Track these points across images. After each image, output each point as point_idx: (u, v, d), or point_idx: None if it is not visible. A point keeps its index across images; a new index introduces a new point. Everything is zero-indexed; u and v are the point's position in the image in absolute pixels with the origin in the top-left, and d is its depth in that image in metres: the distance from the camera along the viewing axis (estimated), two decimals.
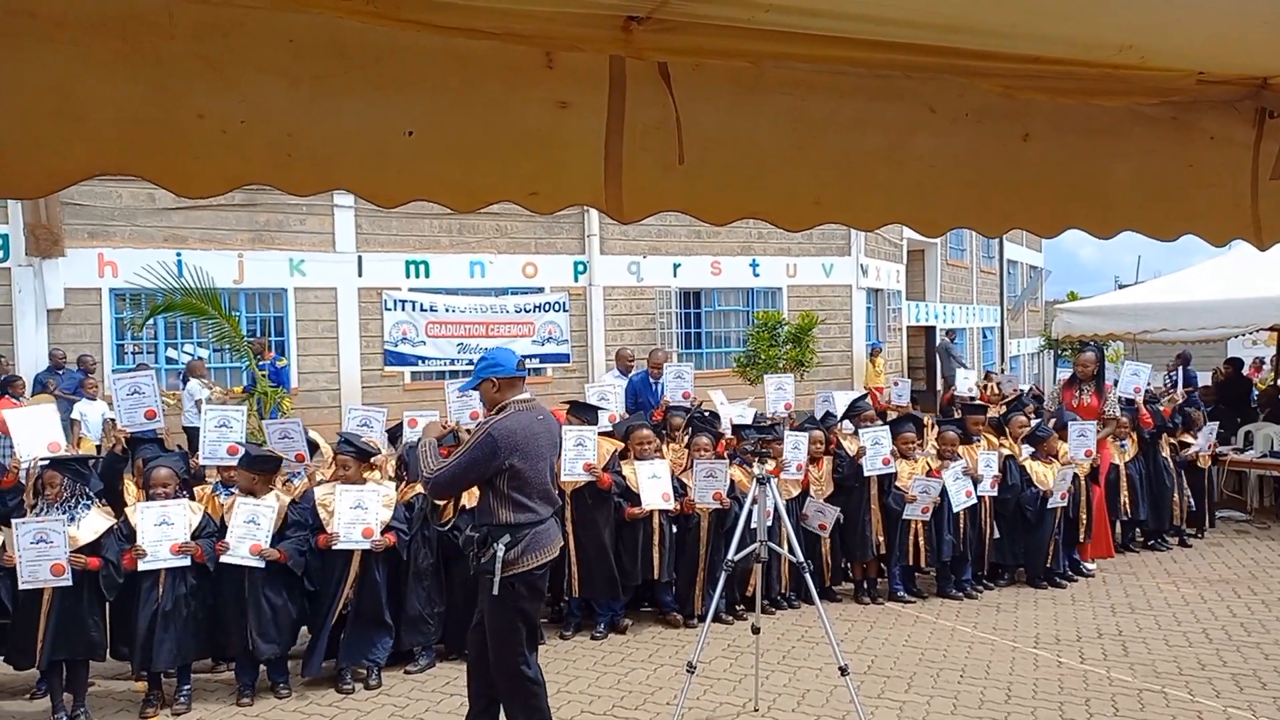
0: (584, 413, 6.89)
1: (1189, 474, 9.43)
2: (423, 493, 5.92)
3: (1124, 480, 8.69)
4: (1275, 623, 6.63)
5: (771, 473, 5.51)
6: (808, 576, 5.02)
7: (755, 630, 5.29)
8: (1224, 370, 13.83)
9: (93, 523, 5.25)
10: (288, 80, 1.86)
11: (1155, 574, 8.08)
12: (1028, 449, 7.92)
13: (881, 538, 7.35)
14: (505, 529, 4.12)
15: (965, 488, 7.42)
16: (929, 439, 8.05)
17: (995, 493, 7.62)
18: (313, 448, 6.47)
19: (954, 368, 18.34)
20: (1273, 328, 12.83)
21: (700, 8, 1.83)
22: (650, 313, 17.10)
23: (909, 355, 22.91)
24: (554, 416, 4.57)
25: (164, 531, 5.28)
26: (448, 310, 15.67)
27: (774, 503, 5.16)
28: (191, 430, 10.66)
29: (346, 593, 5.65)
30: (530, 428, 4.21)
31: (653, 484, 6.52)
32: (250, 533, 5.42)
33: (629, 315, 16.94)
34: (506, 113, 2.04)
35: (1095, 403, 8.41)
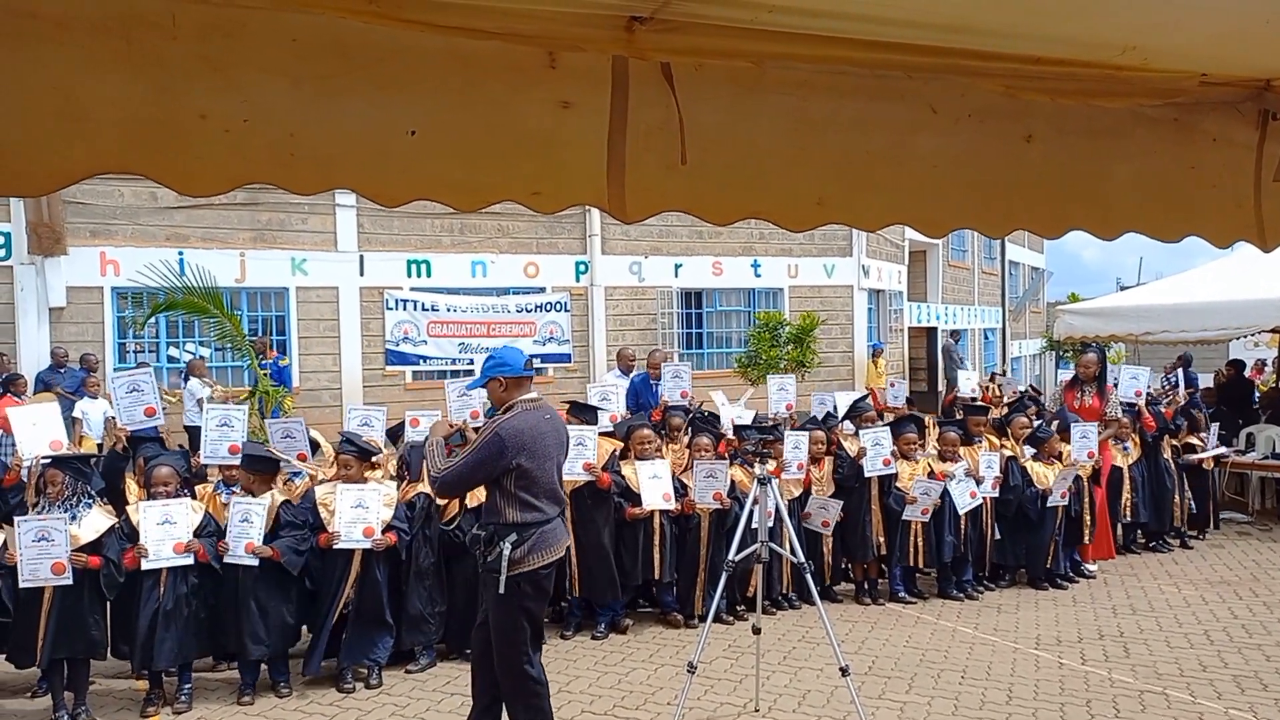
0: (583, 413, 6.90)
1: (1192, 476, 9.43)
2: (424, 492, 5.93)
3: (1126, 482, 8.68)
4: (1276, 624, 6.62)
5: (772, 473, 5.51)
6: (809, 577, 5.02)
7: (756, 631, 5.29)
8: (1226, 372, 13.82)
9: (94, 521, 5.25)
10: (290, 80, 1.86)
11: (1156, 575, 8.08)
12: (1029, 450, 7.92)
13: (882, 538, 7.35)
14: (512, 528, 4.12)
15: (969, 489, 7.42)
16: (930, 439, 8.05)
17: (997, 494, 7.62)
18: (314, 447, 6.48)
19: (956, 369, 18.32)
20: (1275, 329, 12.80)
21: (702, 8, 1.84)
22: (652, 313, 17.09)
23: (910, 356, 22.89)
24: (561, 416, 4.57)
25: (166, 531, 5.29)
26: (449, 310, 15.68)
27: (775, 503, 5.16)
28: (193, 429, 10.67)
29: (347, 592, 5.65)
30: (537, 427, 4.21)
31: (653, 484, 6.52)
32: (245, 531, 5.43)
33: (630, 315, 16.94)
34: (509, 112, 2.04)
35: (1097, 404, 8.40)
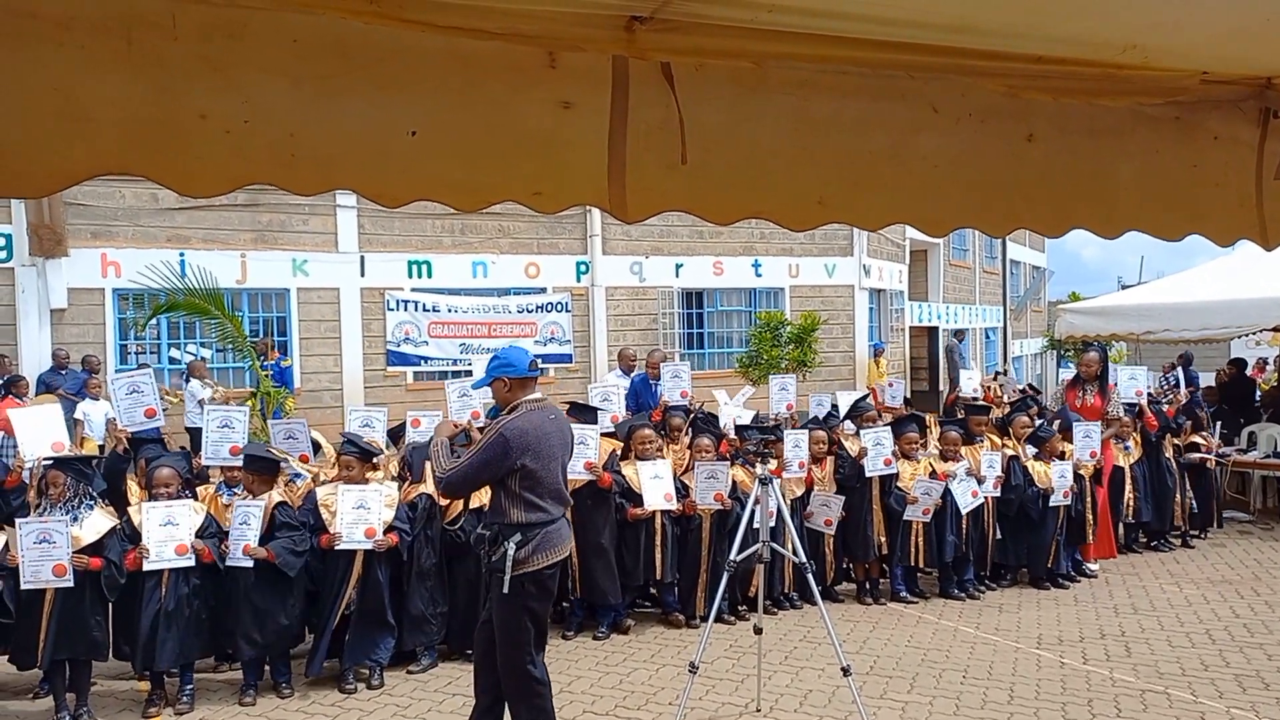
0: (583, 414, 6.89)
1: (1194, 475, 9.43)
2: (426, 492, 5.93)
3: (1128, 481, 8.68)
4: (1278, 623, 6.61)
5: (773, 473, 5.50)
6: (810, 577, 5.02)
7: (757, 631, 5.29)
8: (1227, 371, 13.80)
9: (95, 523, 5.25)
10: (291, 80, 1.86)
11: (1158, 575, 8.07)
12: (1031, 449, 7.91)
13: (884, 538, 7.35)
14: (516, 528, 4.12)
15: (970, 489, 7.41)
16: (931, 439, 8.04)
17: (998, 493, 7.61)
18: (315, 448, 6.48)
19: (959, 368, 18.29)
20: (1276, 328, 12.80)
21: (703, 8, 1.83)
22: (653, 313, 17.09)
23: (912, 356, 22.88)
24: (566, 416, 4.57)
25: (169, 532, 5.29)
26: (450, 310, 15.67)
27: (776, 503, 5.16)
28: (194, 430, 10.67)
29: (349, 593, 5.65)
30: (542, 427, 4.21)
31: (655, 484, 6.52)
32: (244, 534, 5.44)
33: (631, 316, 16.94)
34: (509, 113, 2.04)
35: (1099, 403, 8.38)
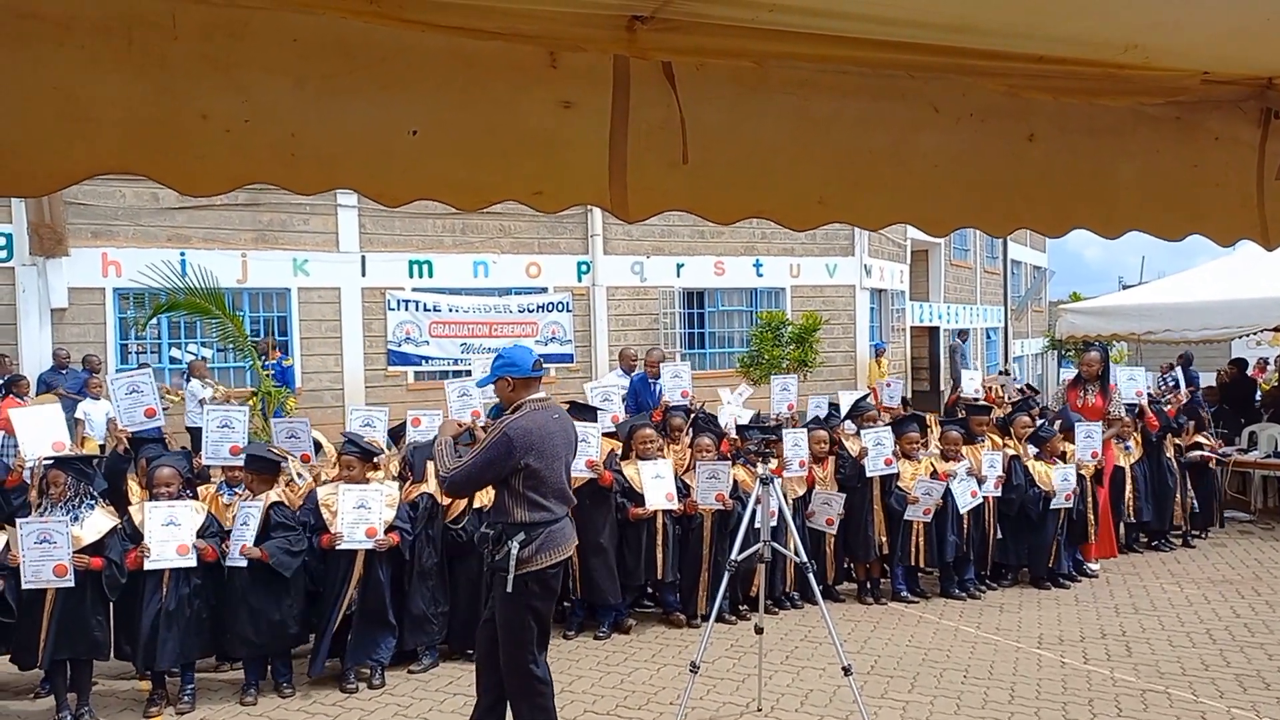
0: (582, 414, 6.87)
1: (1195, 475, 9.42)
2: (427, 492, 5.93)
3: (1128, 481, 8.67)
4: (1279, 623, 6.61)
5: (774, 472, 5.50)
6: (811, 576, 5.02)
7: (758, 630, 5.29)
8: (1228, 371, 13.80)
9: (96, 522, 5.25)
10: (292, 80, 1.86)
11: (1159, 574, 8.07)
12: (1032, 449, 7.91)
13: (884, 538, 7.35)
14: (520, 527, 4.12)
15: (970, 489, 7.41)
16: (932, 439, 8.03)
17: (999, 493, 7.61)
18: (316, 448, 6.48)
19: (962, 368, 18.26)
20: (1277, 328, 12.80)
21: (704, 7, 1.83)
22: (654, 313, 17.09)
23: (913, 355, 22.89)
24: (569, 415, 4.57)
25: (171, 532, 5.29)
26: (451, 310, 15.68)
27: (778, 503, 5.16)
28: (195, 430, 10.68)
29: (350, 593, 5.65)
30: (545, 427, 4.21)
31: (657, 484, 6.52)
32: (242, 534, 5.44)
33: (632, 315, 16.94)
34: (510, 112, 2.04)
35: (1100, 403, 8.36)
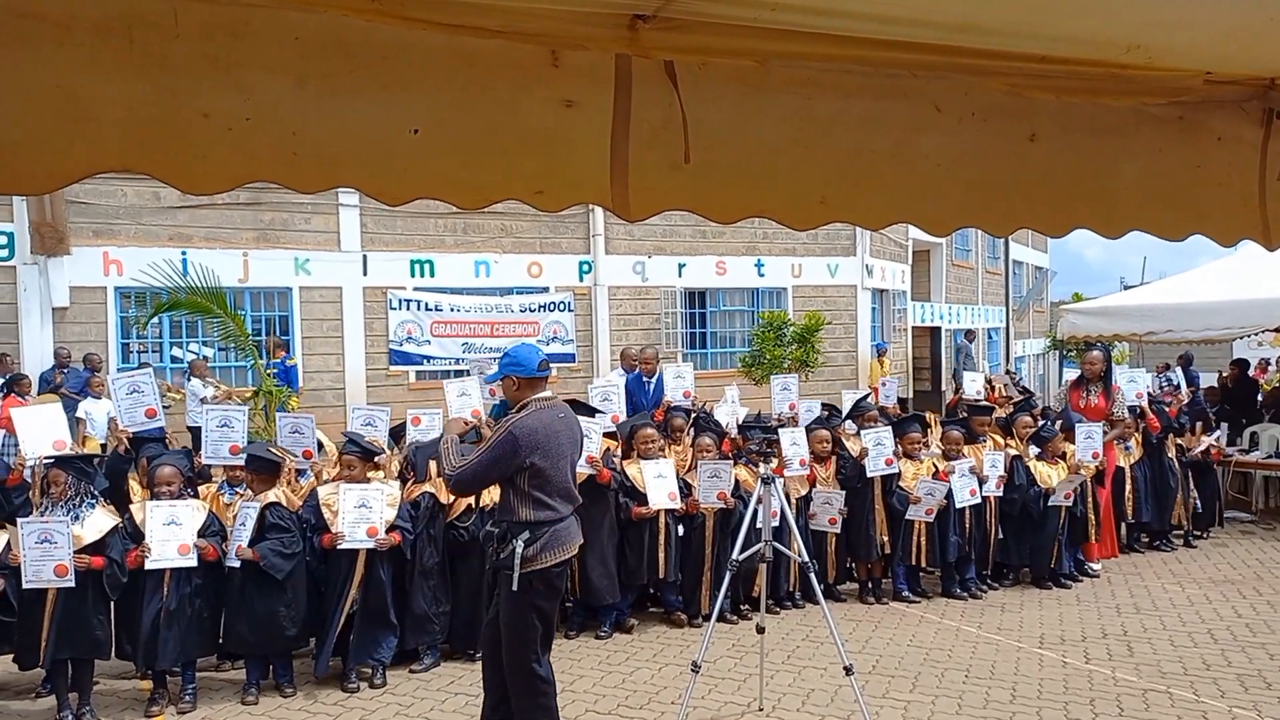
0: (581, 413, 6.86)
1: (1198, 475, 9.41)
2: (429, 491, 5.93)
3: (1128, 481, 8.66)
4: None
5: (775, 471, 5.50)
6: (813, 576, 5.02)
7: (760, 630, 5.28)
8: (1231, 373, 13.78)
9: (97, 522, 5.25)
10: (293, 79, 1.86)
11: (1160, 574, 8.06)
12: (1034, 449, 7.90)
13: (886, 537, 7.34)
14: (525, 526, 4.12)
15: (970, 486, 7.39)
16: (933, 438, 8.03)
17: (1001, 493, 7.60)
18: (318, 447, 6.48)
19: (970, 368, 18.22)
20: (1278, 329, 12.78)
21: (706, 6, 1.83)
22: (655, 313, 17.09)
23: (914, 356, 22.87)
24: (575, 414, 4.57)
25: (172, 531, 5.28)
26: (453, 310, 15.67)
27: (779, 503, 5.16)
28: (196, 429, 10.67)
29: (352, 593, 5.64)
30: (551, 426, 4.22)
31: (659, 483, 6.51)
32: (239, 534, 5.44)
33: (634, 315, 16.93)
34: (512, 111, 2.04)
35: (1103, 403, 8.34)
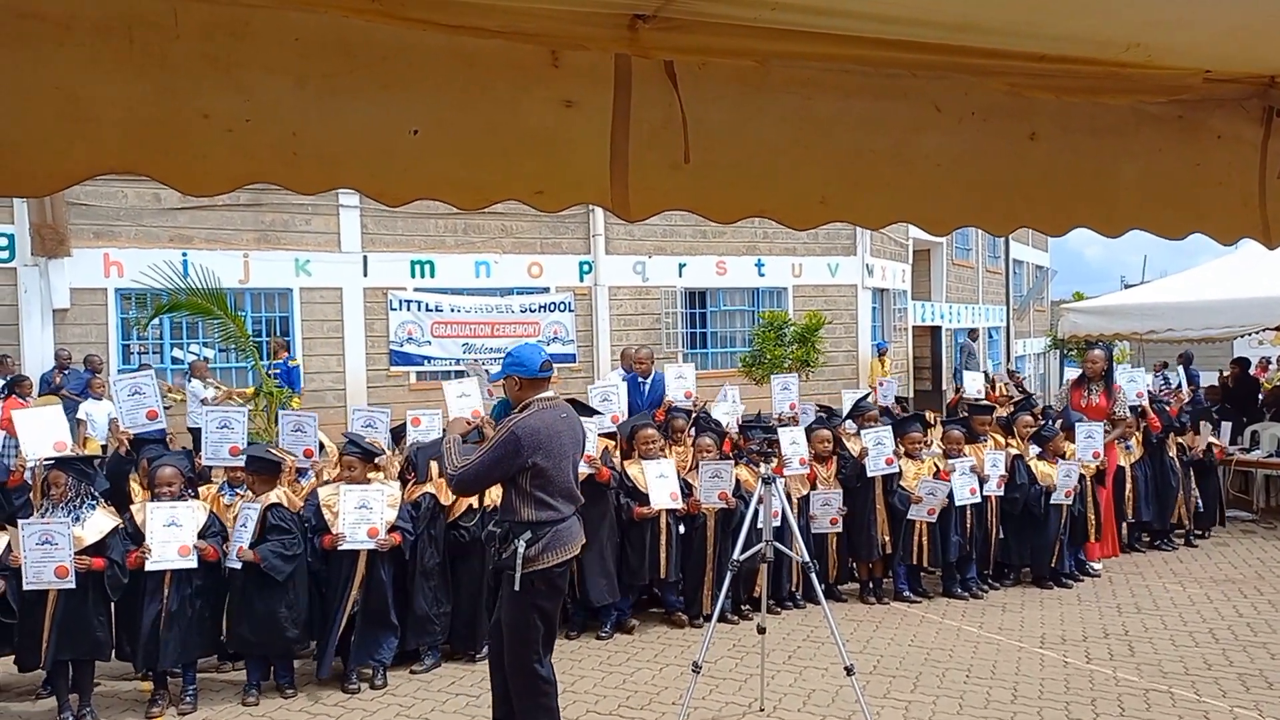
0: (580, 413, 6.84)
1: (1200, 474, 9.40)
2: (429, 492, 5.93)
3: (1129, 480, 8.66)
4: None
5: (774, 471, 5.50)
6: (813, 576, 5.02)
7: (760, 630, 5.28)
8: (1231, 372, 13.76)
9: (98, 523, 5.25)
10: (293, 79, 1.86)
11: (1161, 574, 8.06)
12: (1034, 449, 7.90)
13: (887, 537, 7.33)
14: (527, 526, 4.13)
15: (970, 484, 7.38)
16: (934, 437, 8.02)
17: (1002, 492, 7.59)
18: (319, 447, 6.48)
19: (974, 367, 18.20)
20: (1279, 327, 12.78)
21: (707, 6, 1.83)
22: (655, 313, 17.09)
23: (915, 355, 22.87)
24: (577, 414, 4.58)
25: (172, 533, 5.28)
26: (453, 310, 15.68)
27: (780, 503, 5.16)
28: (196, 430, 10.67)
29: (354, 594, 5.64)
30: (553, 426, 4.22)
31: (661, 483, 6.51)
32: (240, 536, 5.44)
33: (634, 315, 16.94)
34: (512, 111, 2.04)
35: (1104, 403, 8.33)
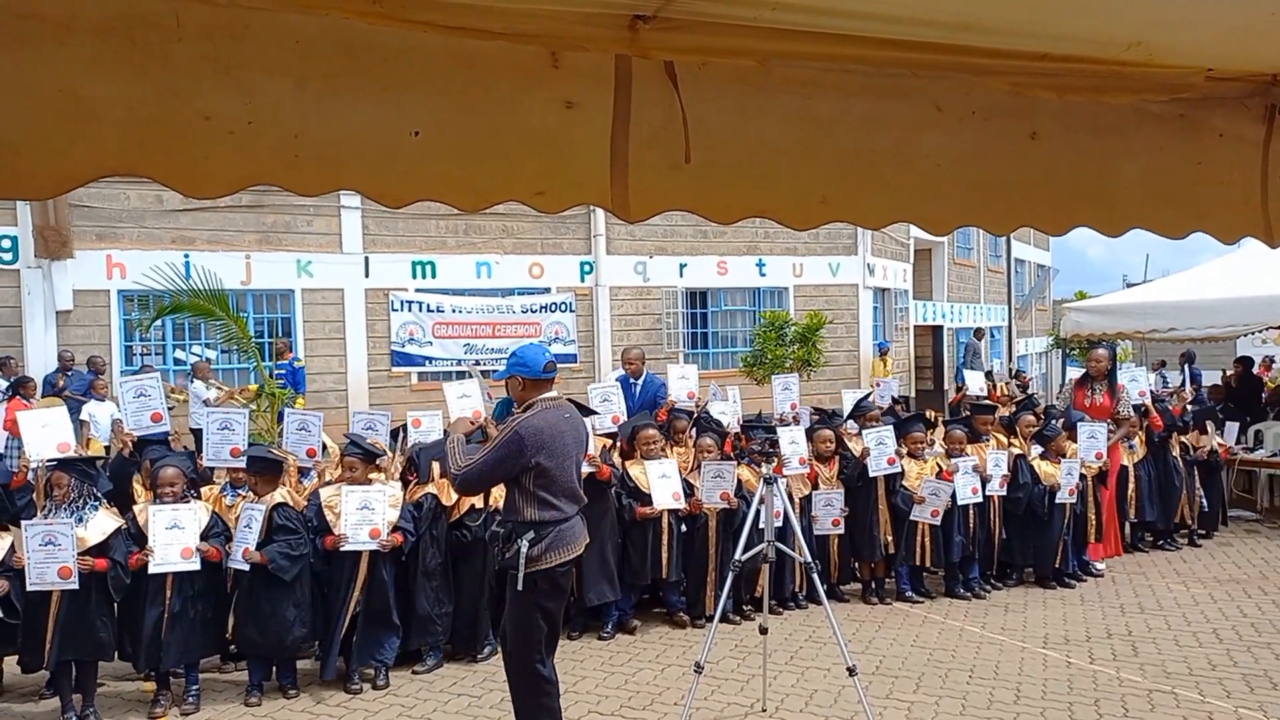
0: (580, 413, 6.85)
1: (1204, 473, 9.38)
2: (431, 492, 5.94)
3: (1131, 480, 8.65)
4: None
5: (774, 470, 5.50)
6: (815, 576, 5.02)
7: (763, 630, 5.28)
8: (1235, 371, 13.74)
9: (100, 524, 5.26)
10: (295, 81, 1.86)
11: (1165, 574, 8.05)
12: (1037, 448, 7.89)
13: (890, 537, 7.33)
14: (530, 526, 4.13)
15: (972, 484, 7.37)
16: (936, 438, 8.01)
17: (1005, 492, 7.58)
18: (321, 448, 6.49)
19: (979, 366, 18.17)
20: None
21: (707, 6, 1.83)
22: (656, 313, 17.09)
23: (916, 355, 22.86)
24: (580, 414, 4.58)
25: (174, 535, 5.28)
26: (454, 311, 15.69)
27: (782, 503, 5.16)
28: (199, 431, 10.67)
29: (356, 594, 5.65)
30: (556, 426, 4.22)
31: (663, 483, 6.51)
32: (245, 537, 5.44)
33: (635, 315, 16.94)
34: (512, 113, 2.04)
35: (1108, 402, 8.32)
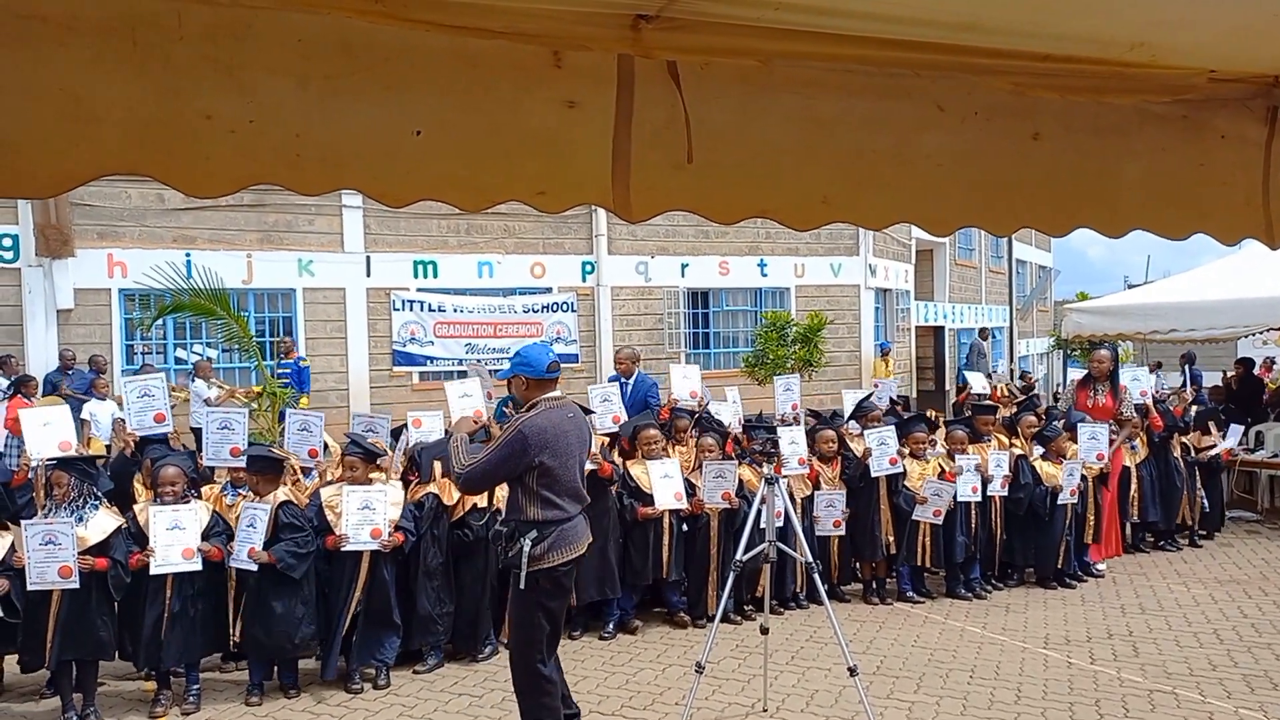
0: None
1: (1205, 474, 9.37)
2: (433, 492, 5.94)
3: (1133, 481, 8.64)
4: None
5: (775, 470, 5.50)
6: (816, 576, 5.02)
7: (763, 630, 5.28)
8: (1236, 372, 13.74)
9: (101, 523, 5.26)
10: (296, 80, 1.87)
11: (1166, 574, 8.04)
12: (1038, 449, 7.88)
13: (891, 537, 7.32)
14: (532, 525, 4.15)
15: (973, 483, 7.37)
16: (938, 438, 8.00)
17: (1006, 493, 7.57)
18: (323, 448, 6.49)
19: (983, 367, 18.14)
20: None
21: (709, 6, 1.83)
22: (658, 313, 17.09)
23: (918, 355, 22.85)
24: (583, 414, 4.59)
25: (175, 536, 5.29)
26: (456, 310, 15.68)
27: (783, 503, 5.16)
28: (199, 430, 10.68)
29: (357, 594, 5.64)
30: (560, 425, 4.23)
31: (665, 483, 6.51)
32: (249, 536, 5.44)
33: (637, 315, 16.94)
34: (514, 112, 2.04)
35: (1110, 403, 8.30)
